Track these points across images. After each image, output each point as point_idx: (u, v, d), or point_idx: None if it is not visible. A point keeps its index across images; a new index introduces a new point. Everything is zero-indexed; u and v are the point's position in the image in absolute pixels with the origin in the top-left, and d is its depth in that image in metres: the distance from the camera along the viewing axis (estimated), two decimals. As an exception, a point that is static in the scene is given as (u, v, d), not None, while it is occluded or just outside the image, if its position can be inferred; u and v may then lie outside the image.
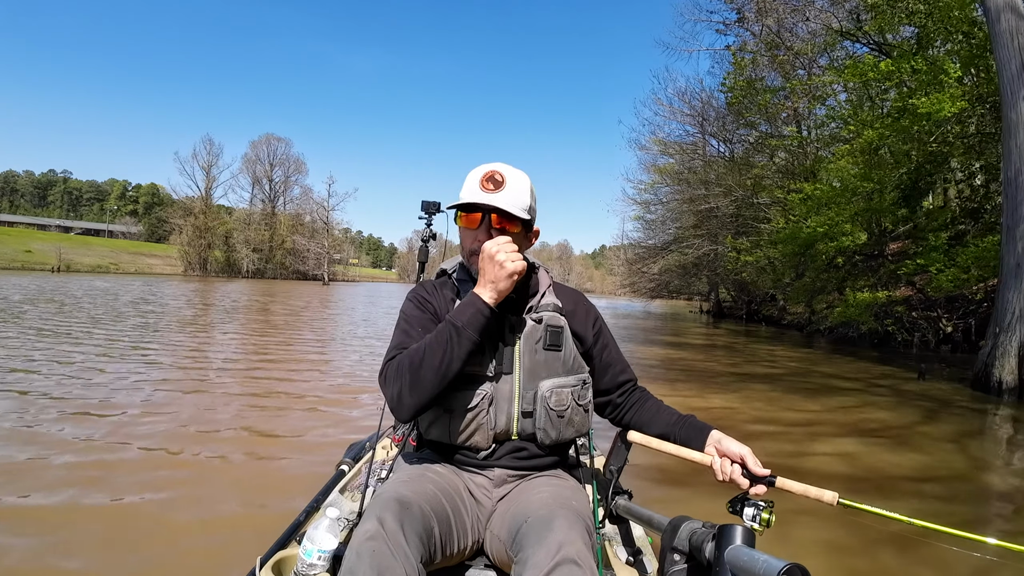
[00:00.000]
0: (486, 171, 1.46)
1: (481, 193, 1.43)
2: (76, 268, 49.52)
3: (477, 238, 1.46)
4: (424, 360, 1.33)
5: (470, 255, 1.50)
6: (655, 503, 1.71)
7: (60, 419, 4.25)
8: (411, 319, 1.50)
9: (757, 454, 1.36)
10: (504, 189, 1.43)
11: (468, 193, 1.45)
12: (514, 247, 1.35)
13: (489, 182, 1.44)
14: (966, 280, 11.27)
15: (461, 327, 1.34)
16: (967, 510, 3.59)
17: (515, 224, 1.46)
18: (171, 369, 6.61)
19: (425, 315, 1.50)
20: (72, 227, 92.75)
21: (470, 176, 1.48)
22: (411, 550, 1.12)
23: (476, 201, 1.43)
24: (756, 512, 1.22)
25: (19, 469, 3.25)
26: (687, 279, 35.13)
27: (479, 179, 1.45)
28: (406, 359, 1.36)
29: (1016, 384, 7.58)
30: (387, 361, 1.43)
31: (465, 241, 1.51)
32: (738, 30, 23.45)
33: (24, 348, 7.37)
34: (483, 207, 1.44)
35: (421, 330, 1.45)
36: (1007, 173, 8.34)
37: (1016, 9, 8.44)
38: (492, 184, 1.43)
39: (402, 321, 1.52)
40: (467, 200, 1.44)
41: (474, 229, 1.47)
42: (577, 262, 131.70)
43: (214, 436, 4.09)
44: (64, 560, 2.30)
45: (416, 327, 1.47)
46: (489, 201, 1.42)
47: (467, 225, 1.48)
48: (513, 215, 1.43)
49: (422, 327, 1.46)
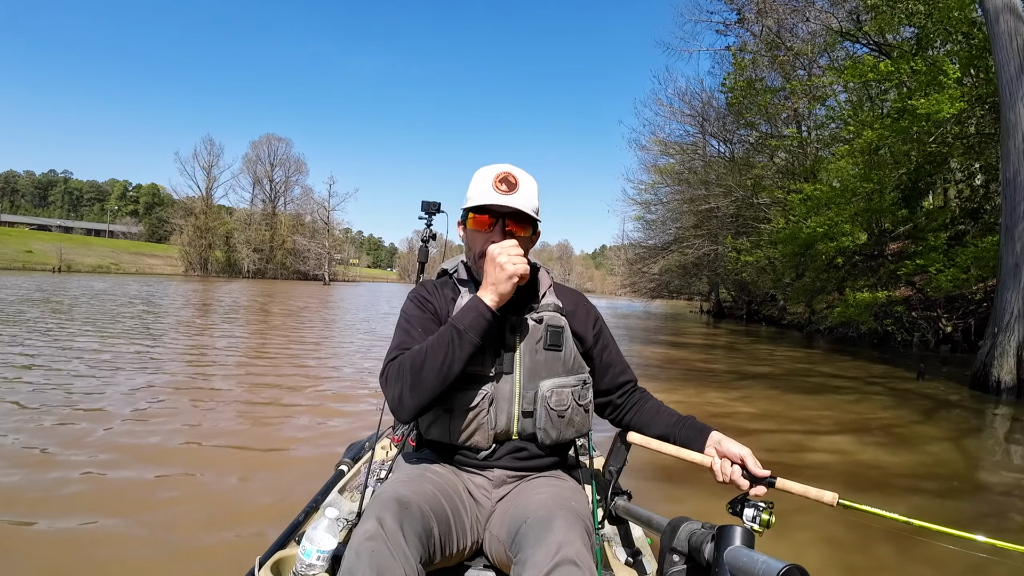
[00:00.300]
0: (499, 172, 1.44)
1: (495, 195, 1.41)
2: (77, 268, 49.58)
3: (490, 240, 1.42)
4: (425, 362, 1.33)
5: (479, 258, 1.47)
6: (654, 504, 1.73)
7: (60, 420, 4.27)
8: (412, 319, 1.50)
9: (756, 453, 1.36)
10: (518, 191, 1.43)
11: (481, 194, 1.44)
12: (519, 251, 1.34)
13: (503, 184, 1.42)
14: (965, 280, 11.30)
15: (463, 330, 1.34)
16: (963, 507, 3.61)
17: (526, 227, 1.46)
18: (172, 369, 6.63)
19: (426, 315, 1.50)
20: (73, 227, 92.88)
21: (480, 177, 1.47)
22: (410, 550, 1.12)
23: (493, 203, 1.41)
24: (756, 513, 1.23)
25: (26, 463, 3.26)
26: (687, 279, 35.16)
27: (492, 180, 1.43)
28: (407, 360, 1.36)
29: (1014, 384, 7.61)
30: (388, 362, 1.42)
31: (475, 244, 1.49)
32: (738, 30, 23.51)
33: (27, 350, 7.40)
34: (501, 209, 1.42)
35: (422, 330, 1.45)
36: (1005, 174, 8.36)
37: (1015, 11, 8.46)
38: (506, 186, 1.42)
39: (403, 321, 1.51)
40: (482, 202, 1.42)
41: (485, 232, 1.45)
42: (577, 262, 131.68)
43: (213, 436, 4.09)
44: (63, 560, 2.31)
45: (417, 327, 1.47)
46: (505, 203, 1.41)
47: (478, 228, 1.46)
48: (527, 216, 1.43)
49: (423, 327, 1.46)
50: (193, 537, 2.56)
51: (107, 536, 2.53)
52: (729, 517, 1.24)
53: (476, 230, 1.47)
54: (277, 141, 69.24)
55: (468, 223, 1.49)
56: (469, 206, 1.46)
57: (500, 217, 1.43)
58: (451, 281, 1.59)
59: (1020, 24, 8.42)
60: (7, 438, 3.75)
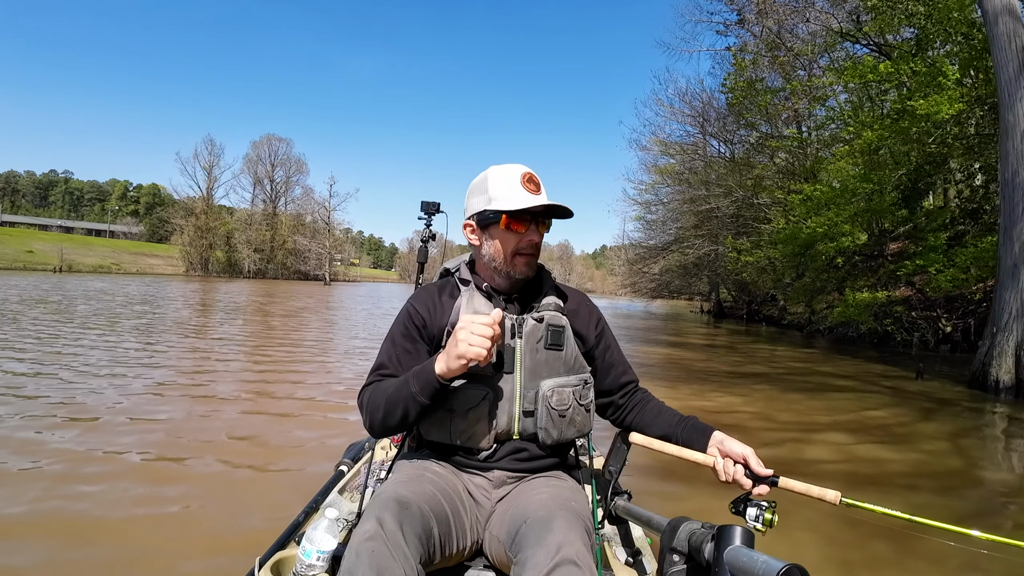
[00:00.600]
0: (523, 172, 1.45)
1: (527, 195, 1.42)
2: (78, 268, 49.70)
3: (529, 238, 1.45)
4: (387, 412, 1.39)
5: (515, 255, 1.47)
6: (654, 504, 1.72)
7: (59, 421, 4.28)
8: (396, 341, 1.52)
9: (757, 450, 1.37)
10: (543, 190, 1.46)
11: (511, 195, 1.43)
12: (487, 332, 1.27)
13: (530, 183, 1.44)
14: (964, 280, 11.34)
15: (415, 393, 1.35)
16: (957, 504, 3.64)
17: (547, 222, 1.50)
18: (171, 368, 6.67)
19: (408, 338, 1.51)
20: (73, 227, 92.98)
21: (501, 178, 1.46)
22: (410, 550, 1.13)
23: (533, 206, 1.41)
24: (759, 512, 1.23)
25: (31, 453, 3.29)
26: (688, 279, 35.23)
27: (519, 180, 1.44)
28: (375, 400, 1.42)
29: (1013, 383, 7.65)
30: (365, 385, 1.49)
31: (507, 244, 1.47)
32: (738, 31, 23.56)
33: (32, 351, 7.44)
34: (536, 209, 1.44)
35: (400, 362, 1.48)
36: (1004, 174, 8.41)
37: (1014, 12, 8.50)
38: (533, 185, 1.44)
39: (388, 341, 1.53)
40: (520, 204, 1.42)
41: (523, 232, 1.45)
42: (578, 262, 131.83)
43: (213, 437, 4.09)
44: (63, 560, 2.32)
45: (398, 347, 1.51)
46: (540, 203, 1.42)
47: (518, 229, 1.45)
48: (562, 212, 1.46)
49: (400, 357, 1.49)
50: (193, 538, 2.55)
51: (106, 536, 2.52)
52: (730, 516, 1.25)
53: (515, 231, 1.46)
54: (278, 141, 69.46)
55: (500, 225, 1.46)
56: (507, 209, 1.43)
57: (536, 218, 1.46)
58: (452, 281, 1.59)
59: (1019, 26, 8.45)
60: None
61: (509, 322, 1.46)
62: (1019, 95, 8.21)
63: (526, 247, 1.46)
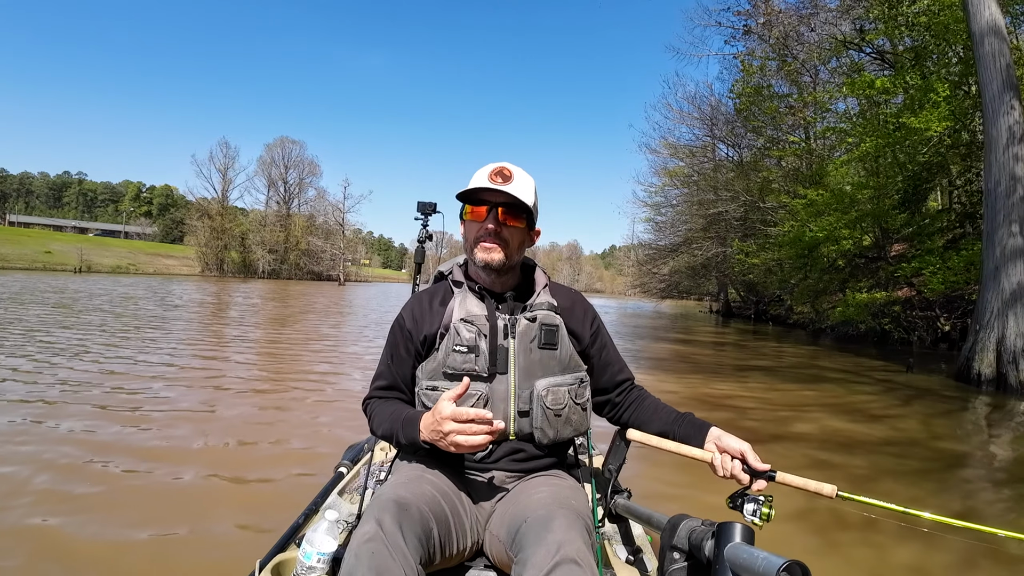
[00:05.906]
0: (494, 166, 1.48)
1: (490, 185, 1.44)
2: (97, 269, 50.15)
3: (486, 226, 1.46)
4: (384, 437, 1.51)
5: (475, 243, 1.48)
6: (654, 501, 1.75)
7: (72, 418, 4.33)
8: (393, 351, 1.56)
9: (754, 440, 1.39)
10: (512, 182, 1.45)
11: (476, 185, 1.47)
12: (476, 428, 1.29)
13: (498, 176, 1.45)
14: (955, 282, 11.98)
15: (403, 443, 1.44)
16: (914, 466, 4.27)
17: (520, 219, 1.48)
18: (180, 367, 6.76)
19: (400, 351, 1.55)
20: (88, 228, 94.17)
21: (478, 173, 1.50)
22: (410, 551, 1.13)
23: (486, 186, 1.44)
24: (756, 507, 1.24)
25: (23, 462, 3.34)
26: (697, 280, 35.56)
27: (487, 173, 1.46)
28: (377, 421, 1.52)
29: (993, 376, 8.35)
30: (367, 398, 1.59)
31: (470, 232, 1.51)
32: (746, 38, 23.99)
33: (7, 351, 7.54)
34: (495, 198, 1.46)
35: (396, 372, 1.56)
36: (987, 184, 9.08)
37: (999, 32, 9.11)
38: (501, 178, 1.44)
39: (386, 350, 1.59)
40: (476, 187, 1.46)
41: (480, 221, 1.47)
42: (587, 262, 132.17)
43: (213, 438, 4.09)
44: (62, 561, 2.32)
45: (393, 360, 1.56)
46: (499, 190, 1.43)
47: (474, 218, 1.48)
48: (521, 205, 1.45)
49: (396, 370, 1.56)
50: (193, 539, 2.55)
51: (106, 537, 2.51)
52: (729, 513, 1.26)
53: (472, 220, 1.49)
54: (291, 143, 70.01)
55: (464, 214, 1.51)
56: (463, 191, 1.47)
57: (495, 206, 1.46)
58: (446, 284, 1.60)
59: (1004, 45, 9.07)
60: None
61: (502, 322, 1.47)
62: (1002, 111, 8.85)
63: (483, 235, 1.46)
